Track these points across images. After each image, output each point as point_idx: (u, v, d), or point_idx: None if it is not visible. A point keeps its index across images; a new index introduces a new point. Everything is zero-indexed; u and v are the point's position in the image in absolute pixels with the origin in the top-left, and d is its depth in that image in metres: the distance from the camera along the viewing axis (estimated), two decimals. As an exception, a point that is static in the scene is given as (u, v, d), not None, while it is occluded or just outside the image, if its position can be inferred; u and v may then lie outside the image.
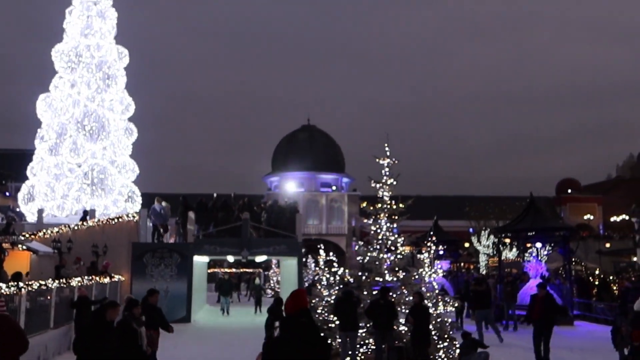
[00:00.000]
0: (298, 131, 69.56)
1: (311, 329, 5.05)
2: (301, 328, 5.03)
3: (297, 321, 5.09)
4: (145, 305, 10.87)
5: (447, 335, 14.89)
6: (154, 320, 10.91)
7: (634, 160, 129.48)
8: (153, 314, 11.02)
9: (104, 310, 8.14)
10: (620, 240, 65.53)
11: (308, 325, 5.04)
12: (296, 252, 25.03)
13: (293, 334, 5.02)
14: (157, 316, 11.17)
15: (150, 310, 11.00)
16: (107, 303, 8.60)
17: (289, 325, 5.10)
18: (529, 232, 25.44)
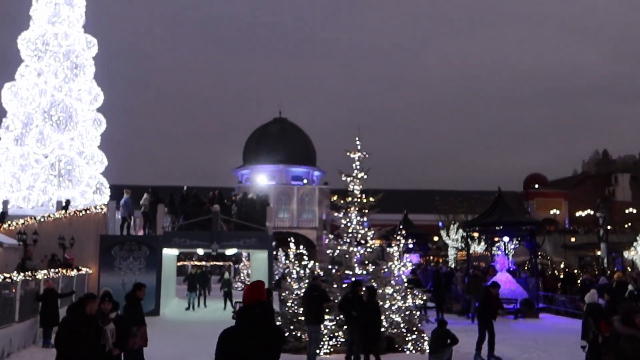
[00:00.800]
0: (270, 124, 69.33)
1: (264, 321, 5.10)
2: (254, 320, 5.08)
3: (250, 313, 5.14)
4: (132, 299, 10.70)
5: (416, 328, 15.08)
6: (141, 314, 10.75)
7: (599, 156, 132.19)
8: (139, 309, 10.87)
9: (84, 304, 7.97)
10: (585, 234, 66.91)
11: (261, 317, 5.09)
12: (267, 245, 25.00)
13: (245, 326, 5.08)
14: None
15: (138, 305, 10.83)
16: (86, 296, 8.36)
17: (242, 317, 5.15)
18: (497, 226, 25.81)
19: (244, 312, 5.21)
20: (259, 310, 5.15)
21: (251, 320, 5.11)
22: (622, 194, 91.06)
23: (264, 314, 5.17)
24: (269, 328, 5.15)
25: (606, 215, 52.88)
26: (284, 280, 21.98)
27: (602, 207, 53.21)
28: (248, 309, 5.20)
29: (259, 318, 5.11)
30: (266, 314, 5.20)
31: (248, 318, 5.14)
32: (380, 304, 14.84)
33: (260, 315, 5.14)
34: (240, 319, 5.19)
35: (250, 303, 5.22)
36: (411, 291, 15.53)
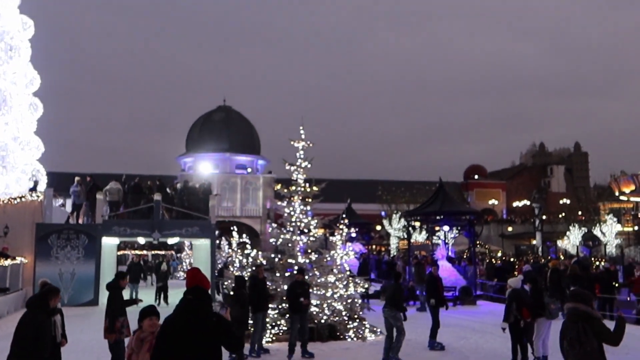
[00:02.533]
0: (214, 112, 68.44)
1: (197, 307, 5.15)
2: (186, 305, 5.17)
3: (184, 298, 5.24)
4: (115, 288, 10.44)
5: (357, 316, 15.28)
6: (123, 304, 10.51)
7: (536, 149, 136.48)
8: (122, 299, 10.60)
9: (48, 298, 7.75)
10: (521, 224, 69.12)
11: (193, 303, 5.17)
12: (209, 234, 24.79)
13: (178, 312, 5.17)
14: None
15: (121, 295, 10.57)
16: (49, 290, 8.10)
17: (178, 303, 5.27)
18: (438, 215, 26.32)
19: (182, 298, 5.28)
20: (192, 296, 5.20)
21: (184, 306, 5.17)
22: (557, 185, 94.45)
23: (199, 300, 5.20)
24: (198, 314, 5.13)
25: (541, 206, 54.77)
26: (226, 269, 21.88)
27: (538, 198, 55.05)
28: (183, 295, 5.27)
29: (191, 304, 5.15)
30: (202, 301, 5.22)
31: (181, 304, 5.21)
32: (323, 292, 14.99)
33: (192, 300, 5.17)
34: (176, 306, 5.24)
35: (187, 288, 5.29)
36: (353, 279, 15.71)
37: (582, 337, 6.49)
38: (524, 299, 11.35)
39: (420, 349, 13.98)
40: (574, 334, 6.53)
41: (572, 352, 6.52)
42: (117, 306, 10.23)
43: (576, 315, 6.66)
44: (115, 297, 10.35)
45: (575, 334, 6.52)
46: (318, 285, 15.09)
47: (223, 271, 22.60)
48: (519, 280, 11.92)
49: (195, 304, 5.20)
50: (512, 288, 11.69)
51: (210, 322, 5.14)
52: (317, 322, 14.50)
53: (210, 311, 5.28)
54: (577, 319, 6.62)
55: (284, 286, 14.49)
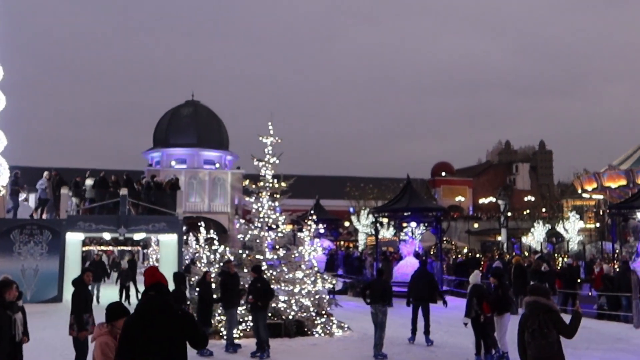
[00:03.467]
0: (182, 106, 67.72)
1: (160, 301, 5.21)
2: (148, 301, 5.24)
3: (146, 295, 5.31)
4: (81, 284, 10.27)
5: (325, 312, 15.34)
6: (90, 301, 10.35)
7: (502, 146, 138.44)
8: (89, 295, 10.45)
9: (3, 291, 7.58)
10: (487, 220, 70.12)
11: (156, 298, 5.22)
12: (176, 230, 24.58)
13: (139, 308, 5.24)
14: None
15: (87, 291, 10.42)
16: (2, 282, 7.93)
17: (140, 300, 5.36)
18: (405, 212, 26.51)
19: (142, 297, 5.33)
20: (154, 292, 5.24)
21: (146, 302, 5.21)
22: (522, 182, 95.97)
23: (161, 295, 5.24)
24: (168, 310, 5.15)
25: (507, 203, 55.57)
26: (193, 265, 21.72)
27: (503, 195, 55.83)
28: (144, 293, 5.32)
29: (154, 299, 5.19)
30: (164, 297, 5.26)
31: (143, 300, 5.26)
32: (291, 288, 15.01)
33: (155, 296, 5.21)
34: (138, 303, 5.30)
35: (147, 286, 5.32)
36: (321, 275, 15.76)
37: (544, 329, 6.72)
38: (485, 294, 11.59)
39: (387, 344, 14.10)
40: (535, 325, 6.75)
41: (534, 343, 6.73)
42: (86, 303, 10.08)
43: (537, 308, 6.89)
44: (82, 294, 10.20)
45: (537, 326, 6.74)
46: (286, 282, 15.11)
47: (190, 267, 22.44)
48: (477, 275, 12.19)
49: (159, 299, 5.21)
50: (472, 284, 11.97)
51: (175, 317, 5.13)
52: (285, 318, 14.52)
53: (174, 306, 5.27)
54: (538, 312, 6.86)
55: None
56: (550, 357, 6.76)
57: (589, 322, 17.59)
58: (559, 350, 6.78)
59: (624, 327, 16.62)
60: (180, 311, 5.26)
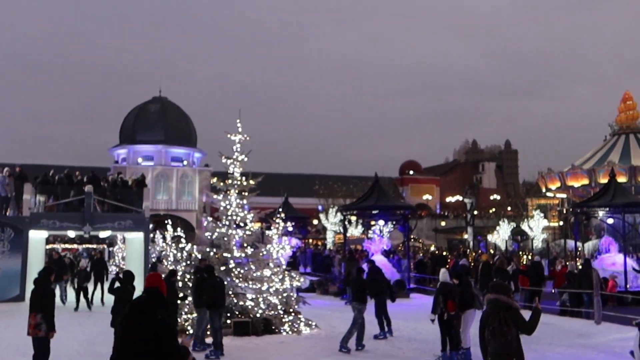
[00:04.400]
0: (149, 102, 66.86)
1: (147, 303, 5.27)
2: (136, 300, 5.37)
3: (139, 296, 5.44)
4: (46, 282, 10.06)
5: (293, 310, 15.34)
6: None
7: (469, 145, 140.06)
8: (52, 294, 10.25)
9: None
10: (454, 219, 70.88)
11: (145, 299, 5.31)
12: (143, 228, 24.28)
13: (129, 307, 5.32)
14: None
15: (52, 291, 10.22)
16: None
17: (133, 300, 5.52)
18: (373, 210, 26.65)
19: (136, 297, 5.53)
20: (147, 294, 5.35)
21: (134, 302, 5.36)
22: (488, 181, 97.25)
23: (151, 298, 5.30)
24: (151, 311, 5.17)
25: (473, 201, 56.28)
26: (159, 263, 21.50)
27: (470, 194, 56.57)
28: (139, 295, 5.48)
29: (141, 300, 5.31)
30: (154, 300, 5.30)
31: (133, 300, 5.43)
32: (258, 286, 14.96)
33: (142, 298, 5.33)
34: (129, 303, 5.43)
35: (144, 288, 5.43)
36: (289, 273, 15.74)
37: (503, 327, 6.85)
38: (451, 292, 11.78)
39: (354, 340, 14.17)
40: (496, 323, 6.87)
41: (495, 340, 6.85)
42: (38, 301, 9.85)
43: (498, 306, 7.01)
44: (40, 292, 9.99)
45: (497, 324, 6.86)
46: (254, 280, 15.06)
47: (156, 265, 22.20)
48: (445, 273, 12.40)
49: (146, 301, 5.28)
50: (440, 281, 12.21)
51: (153, 322, 5.09)
52: (252, 316, 14.47)
53: (159, 309, 5.23)
54: (498, 309, 6.98)
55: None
56: (509, 355, 6.89)
57: (551, 318, 17.93)
58: (518, 347, 6.91)
59: (585, 323, 16.97)
60: (161, 316, 5.19)
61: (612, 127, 49.12)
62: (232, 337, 13.89)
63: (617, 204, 22.98)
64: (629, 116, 47.90)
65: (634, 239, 28.08)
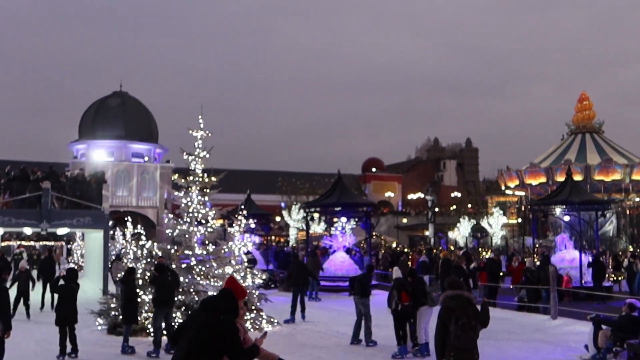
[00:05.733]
0: (109, 97, 65.64)
1: (211, 303, 5.56)
2: (205, 299, 5.79)
3: (209, 296, 6.01)
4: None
5: (255, 307, 15.30)
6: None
7: (431, 143, 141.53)
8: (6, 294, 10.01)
9: None
10: (415, 216, 71.62)
11: (208, 299, 5.71)
12: (102, 225, 23.84)
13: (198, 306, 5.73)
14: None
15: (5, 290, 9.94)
16: None
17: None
18: (336, 207, 26.73)
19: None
20: (219, 294, 5.70)
21: (204, 300, 5.73)
22: (449, 179, 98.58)
23: (219, 299, 5.57)
24: (208, 311, 5.42)
25: (434, 199, 56.95)
26: (119, 261, 21.20)
27: (431, 191, 57.19)
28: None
29: (207, 299, 5.67)
30: (220, 301, 5.53)
31: (205, 298, 5.85)
32: (220, 284, 14.87)
33: (208, 297, 5.76)
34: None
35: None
36: (250, 271, 15.69)
37: (472, 321, 6.99)
38: (404, 286, 12.36)
39: (317, 337, 14.22)
40: (465, 318, 6.99)
41: (465, 335, 6.98)
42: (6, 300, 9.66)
43: (463, 301, 7.14)
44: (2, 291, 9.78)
45: (467, 319, 6.99)
46: (215, 277, 14.97)
47: (116, 263, 21.88)
48: (399, 271, 13.15)
49: (215, 300, 5.56)
50: (394, 278, 12.92)
51: (216, 319, 5.30)
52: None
53: (224, 310, 5.41)
54: (464, 305, 7.10)
55: (180, 278, 14.29)
56: (474, 347, 7.17)
57: (509, 313, 18.30)
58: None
59: (542, 318, 17.35)
60: (224, 320, 5.36)
61: (569, 126, 50.40)
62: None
63: (573, 202, 23.53)
64: (585, 116, 49.22)
65: (589, 235, 28.82)
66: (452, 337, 7.04)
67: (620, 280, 25.73)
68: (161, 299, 12.57)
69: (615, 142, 48.90)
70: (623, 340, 11.19)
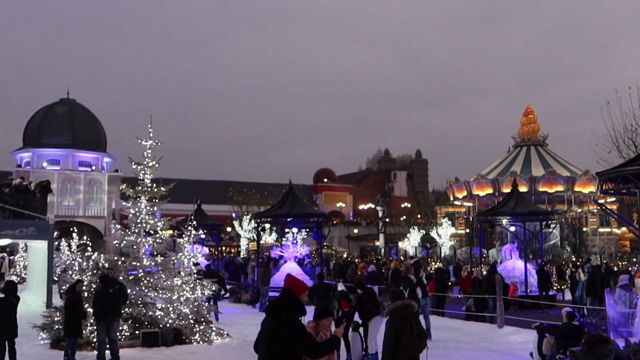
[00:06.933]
0: (56, 104, 64.09)
1: (274, 308, 5.73)
2: (272, 300, 6.03)
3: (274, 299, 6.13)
4: None
5: (204, 319, 15.11)
6: None
7: (382, 154, 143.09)
8: None
9: None
10: (366, 226, 72.11)
11: (274, 302, 5.85)
12: (46, 235, 23.15)
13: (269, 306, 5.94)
14: None
15: None
16: None
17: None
18: (287, 217, 26.68)
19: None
20: (281, 296, 5.80)
21: (271, 302, 6.02)
22: (400, 189, 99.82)
23: (282, 299, 5.72)
24: (275, 314, 5.61)
25: (385, 209, 57.49)
26: (64, 272, 20.66)
27: (382, 202, 57.74)
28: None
29: (273, 302, 5.87)
30: (279, 302, 5.71)
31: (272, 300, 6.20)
32: (169, 295, 14.65)
33: (274, 301, 5.89)
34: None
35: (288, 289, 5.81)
36: (200, 282, 15.50)
37: (422, 331, 7.12)
38: (345, 296, 12.82)
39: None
40: (420, 326, 7.13)
41: (421, 342, 7.12)
42: None
43: (413, 311, 7.26)
44: None
45: (420, 327, 7.13)
46: (164, 289, 14.73)
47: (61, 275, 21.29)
48: (341, 285, 14.49)
49: (278, 302, 5.71)
50: (338, 291, 13.75)
51: (280, 321, 5.46)
52: (162, 327, 14.14)
53: (286, 311, 5.55)
54: (415, 314, 7.24)
55: (128, 290, 14.02)
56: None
57: (457, 323, 18.59)
58: None
59: (489, 327, 17.67)
60: (286, 321, 5.48)
61: (515, 139, 51.72)
62: (141, 348, 13.53)
63: (519, 213, 24.11)
64: (530, 129, 50.60)
65: (534, 246, 29.58)
66: (408, 346, 7.10)
67: (564, 289, 26.46)
68: (101, 311, 12.26)
69: (558, 154, 50.41)
70: (566, 348, 11.50)
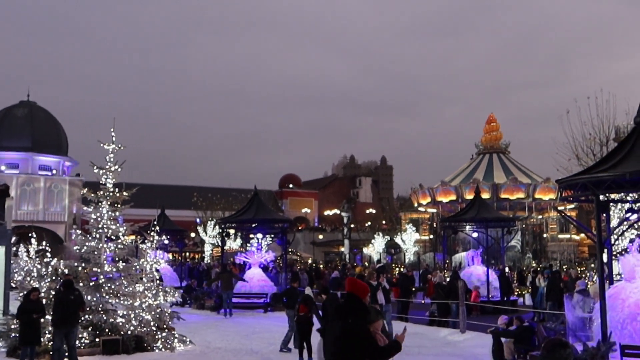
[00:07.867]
0: (15, 106, 62.68)
1: (339, 311, 5.86)
2: (338, 304, 6.20)
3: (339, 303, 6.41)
4: None
5: (166, 326, 14.92)
6: None
7: (347, 160, 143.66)
8: None
9: None
10: (331, 232, 72.26)
11: (339, 306, 6.02)
12: (4, 241, 22.54)
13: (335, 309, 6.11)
14: None
15: None
16: None
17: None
18: (252, 223, 26.57)
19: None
20: (345, 299, 5.99)
21: (337, 305, 6.12)
22: (365, 195, 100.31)
23: (347, 303, 5.85)
24: (340, 317, 5.75)
25: (350, 215, 57.72)
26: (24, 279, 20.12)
27: (347, 208, 57.96)
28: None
29: (339, 306, 6.00)
30: (343, 306, 5.86)
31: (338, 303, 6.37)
32: (130, 302, 14.42)
33: (339, 304, 6.04)
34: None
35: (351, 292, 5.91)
36: (162, 288, 15.30)
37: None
38: (306, 301, 13.28)
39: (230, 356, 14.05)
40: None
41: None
42: None
43: None
44: None
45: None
46: (125, 295, 14.50)
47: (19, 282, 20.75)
48: (309, 289, 14.52)
49: (342, 306, 5.86)
50: (303, 294, 13.91)
51: (345, 324, 5.58)
52: (123, 334, 13.90)
53: (350, 314, 5.65)
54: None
55: (87, 297, 13.77)
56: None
57: (421, 328, 18.72)
58: None
59: (452, 332, 17.86)
60: (351, 323, 5.59)
61: (477, 146, 52.51)
62: (101, 356, 13.30)
63: (481, 219, 24.47)
64: (492, 137, 51.43)
65: (496, 252, 30.03)
66: None
67: (525, 294, 26.92)
68: (60, 318, 11.99)
69: (520, 162, 51.31)
70: (526, 352, 11.70)
